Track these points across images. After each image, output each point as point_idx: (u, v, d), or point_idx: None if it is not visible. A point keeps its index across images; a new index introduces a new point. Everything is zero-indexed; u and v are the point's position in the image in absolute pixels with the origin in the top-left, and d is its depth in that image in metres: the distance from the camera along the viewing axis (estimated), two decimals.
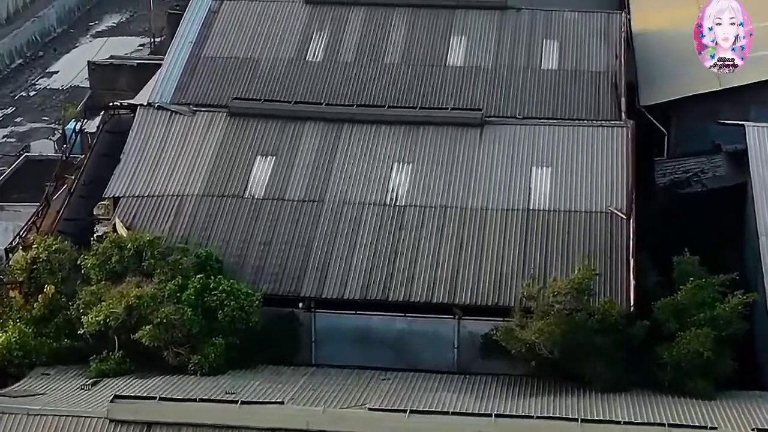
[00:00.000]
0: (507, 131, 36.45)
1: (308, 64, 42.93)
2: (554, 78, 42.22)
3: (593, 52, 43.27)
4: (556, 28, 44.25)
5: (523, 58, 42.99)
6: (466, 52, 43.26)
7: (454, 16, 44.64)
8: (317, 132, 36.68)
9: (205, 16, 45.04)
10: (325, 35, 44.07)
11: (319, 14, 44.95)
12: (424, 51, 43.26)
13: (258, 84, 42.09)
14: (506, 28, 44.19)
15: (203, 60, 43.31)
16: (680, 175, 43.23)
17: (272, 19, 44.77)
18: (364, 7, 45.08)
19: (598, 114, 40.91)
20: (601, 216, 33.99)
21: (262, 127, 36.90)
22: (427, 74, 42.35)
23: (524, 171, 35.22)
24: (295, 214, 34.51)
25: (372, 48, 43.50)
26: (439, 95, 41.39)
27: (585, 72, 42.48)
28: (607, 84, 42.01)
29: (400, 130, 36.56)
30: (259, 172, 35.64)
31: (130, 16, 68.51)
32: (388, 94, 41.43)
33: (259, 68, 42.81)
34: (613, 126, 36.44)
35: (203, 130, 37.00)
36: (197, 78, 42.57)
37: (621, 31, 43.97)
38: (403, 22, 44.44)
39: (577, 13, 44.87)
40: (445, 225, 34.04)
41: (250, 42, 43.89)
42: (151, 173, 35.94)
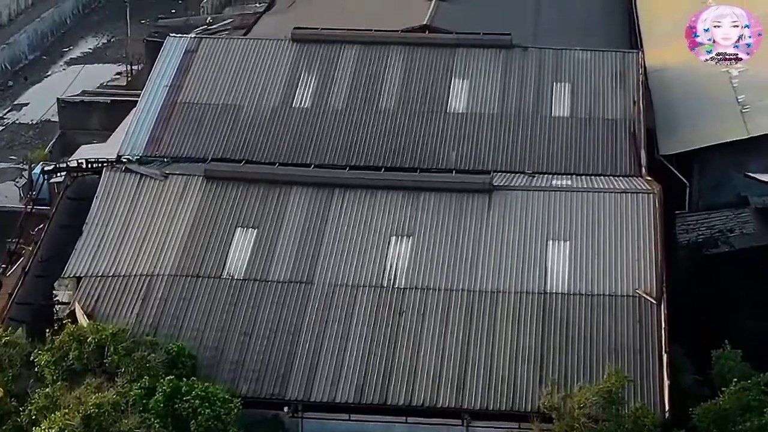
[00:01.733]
0: (518, 198, 31.70)
1: (295, 112, 38.24)
2: (566, 127, 37.59)
3: (608, 97, 38.63)
4: (566, 70, 39.58)
5: (531, 104, 38.36)
6: (468, 98, 38.59)
7: (455, 55, 39.96)
8: (304, 199, 31.91)
9: (182, 57, 40.31)
10: (313, 77, 39.38)
11: (308, 53, 40.23)
12: (423, 95, 38.57)
13: (239, 135, 37.40)
14: (512, 70, 39.52)
15: (179, 107, 38.60)
16: (704, 231, 38.69)
17: (256, 60, 40.06)
18: (357, 46, 40.38)
19: (615, 168, 36.33)
20: (628, 300, 29.30)
21: (242, 193, 32.13)
22: (426, 123, 37.65)
23: (539, 246, 30.49)
24: (280, 298, 29.74)
25: (365, 92, 38.81)
26: (440, 148, 36.72)
27: (600, 120, 37.86)
28: (624, 133, 37.40)
29: (398, 197, 31.81)
30: (239, 248, 30.89)
31: (107, 41, 63.51)
32: (382, 147, 36.77)
33: (241, 116, 38.12)
34: (637, 192, 31.71)
35: (176, 197, 32.19)
36: (172, 127, 37.87)
37: (638, 73, 39.37)
38: (399, 62, 39.75)
39: (590, 53, 40.19)
40: (451, 311, 29.31)
41: (231, 86, 39.18)
42: (117, 248, 31.16)
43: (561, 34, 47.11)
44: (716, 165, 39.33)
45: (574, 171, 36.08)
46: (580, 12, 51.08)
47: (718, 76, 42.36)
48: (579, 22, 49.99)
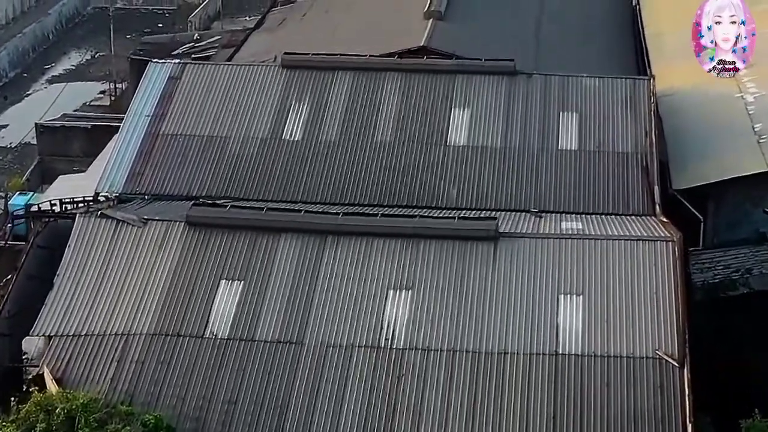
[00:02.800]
0: (526, 247, 28.84)
1: (285, 145, 35.44)
2: (574, 161, 34.81)
3: (619, 127, 35.85)
4: (574, 98, 36.78)
5: (537, 136, 35.55)
6: (470, 129, 35.79)
7: (455, 83, 37.15)
8: (294, 247, 29.02)
9: (165, 84, 37.45)
10: (305, 107, 36.57)
11: (299, 80, 37.41)
12: (421, 126, 35.76)
13: (226, 170, 34.59)
14: (516, 99, 36.73)
15: (162, 138, 35.79)
16: (720, 271, 36.04)
17: (243, 87, 37.22)
18: (351, 72, 37.55)
19: (627, 206, 33.62)
20: (648, 363, 26.42)
21: (227, 241, 29.24)
22: (424, 157, 34.85)
23: (550, 301, 27.62)
24: (268, 360, 26.77)
25: (360, 122, 36.00)
26: (440, 184, 33.97)
27: (610, 153, 35.07)
28: (636, 168, 34.64)
29: (396, 245, 28.91)
30: (224, 303, 28.01)
31: (90, 57, 60.44)
32: (378, 183, 34.00)
33: (228, 149, 35.30)
34: (655, 240, 28.87)
35: (156, 245, 29.27)
36: (154, 161, 35.07)
37: (650, 101, 36.61)
38: (395, 89, 36.92)
39: (598, 80, 37.38)
40: (455, 374, 26.37)
41: (217, 115, 36.35)
42: (91, 304, 28.23)
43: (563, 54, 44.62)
44: (733, 199, 36.58)
45: (583, 209, 33.41)
46: (583, 27, 48.48)
47: (732, 101, 39.70)
48: (582, 38, 47.38)
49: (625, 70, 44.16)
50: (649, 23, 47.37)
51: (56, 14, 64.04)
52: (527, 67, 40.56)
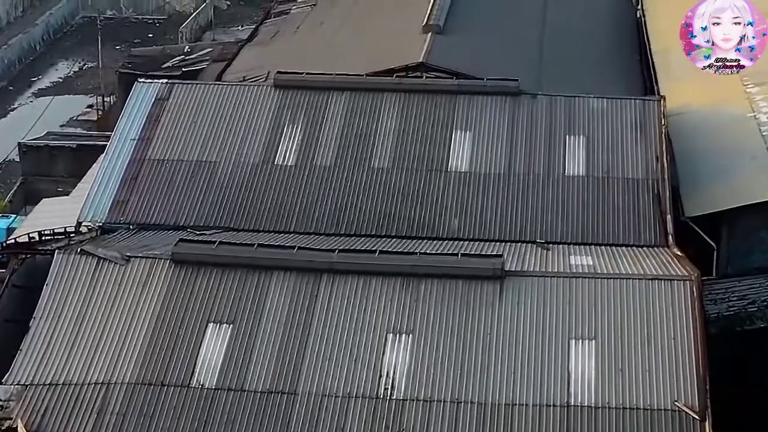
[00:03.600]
0: (534, 287, 26.79)
1: (278, 170, 33.42)
2: (582, 188, 32.79)
3: (628, 152, 33.83)
4: (580, 121, 34.76)
5: (542, 161, 33.54)
6: (472, 154, 33.76)
7: (457, 103, 35.14)
8: (287, 288, 26.93)
9: (152, 105, 35.39)
10: (299, 129, 34.56)
11: (292, 101, 35.38)
12: (421, 151, 33.71)
13: (215, 198, 32.55)
14: (520, 121, 34.71)
15: (148, 164, 33.75)
16: (735, 302, 34.03)
17: (234, 109, 35.17)
18: (347, 93, 35.50)
19: (638, 237, 31.62)
20: (666, 416, 24.30)
21: (215, 280, 27.16)
22: (424, 184, 32.80)
23: (560, 347, 25.53)
24: (258, 412, 24.57)
25: (356, 146, 33.98)
26: (440, 213, 31.95)
27: (619, 179, 33.06)
28: (647, 195, 32.60)
29: (396, 285, 26.87)
30: (211, 349, 25.88)
31: (78, 68, 58.24)
32: (375, 212, 31.91)
33: (218, 175, 33.28)
34: (672, 279, 26.85)
35: (139, 285, 27.17)
36: (140, 188, 33.04)
37: (660, 124, 34.60)
38: (394, 111, 34.92)
39: (605, 101, 35.34)
40: (459, 429, 24.51)
41: (206, 139, 34.30)
42: (69, 349, 26.09)
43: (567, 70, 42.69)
44: (747, 226, 34.43)
45: (592, 240, 31.44)
46: (587, 40, 46.57)
47: (744, 121, 37.71)
48: (586, 52, 45.47)
49: (631, 88, 42.33)
50: (654, 38, 45.37)
51: (44, 24, 61.81)
52: (530, 83, 38.72)
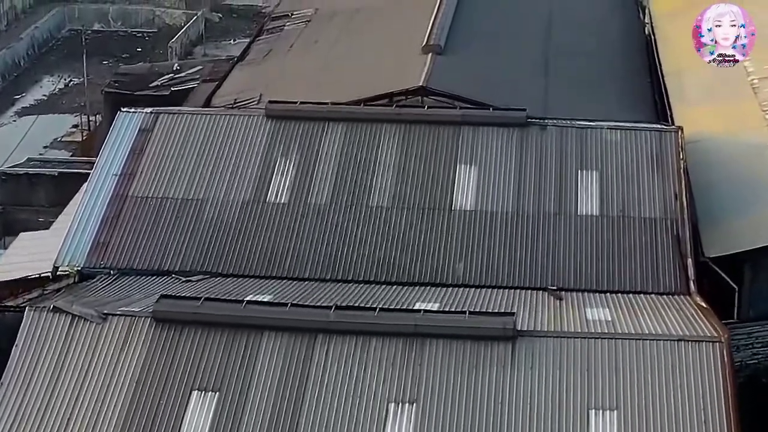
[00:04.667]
0: (549, 348, 24.18)
1: (269, 209, 30.88)
2: (596, 228, 30.27)
3: (645, 188, 31.29)
4: (593, 154, 32.18)
5: (553, 199, 30.99)
6: (478, 191, 31.21)
7: (461, 135, 32.59)
8: (279, 350, 24.26)
9: (136, 137, 32.84)
10: (292, 164, 32.00)
11: (285, 133, 32.81)
12: (423, 188, 31.17)
13: (201, 241, 29.98)
14: (529, 154, 32.16)
15: (131, 202, 31.21)
16: (760, 350, 31.59)
17: (223, 141, 32.61)
18: (343, 124, 32.95)
19: (657, 283, 29.11)
20: None
21: (200, 342, 24.49)
22: (426, 224, 30.27)
23: (579, 418, 22.95)
24: None
25: (354, 183, 31.43)
26: (444, 257, 29.45)
27: (636, 219, 30.52)
28: (666, 236, 30.08)
29: (398, 347, 24.20)
30: (196, 420, 23.09)
31: (64, 85, 55.41)
32: (374, 256, 29.42)
33: (205, 214, 30.74)
34: (699, 341, 24.29)
35: (117, 346, 24.49)
36: (122, 229, 30.50)
37: (678, 157, 32.09)
38: (394, 144, 32.39)
39: (620, 132, 32.78)
40: None
41: (192, 175, 31.75)
42: (41, 419, 23.42)
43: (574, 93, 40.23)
44: None
45: (607, 287, 28.94)
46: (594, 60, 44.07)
47: (763, 150, 35.40)
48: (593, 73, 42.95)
49: (643, 113, 39.84)
50: (666, 58, 42.88)
51: (28, 38, 58.93)
52: (537, 107, 36.37)
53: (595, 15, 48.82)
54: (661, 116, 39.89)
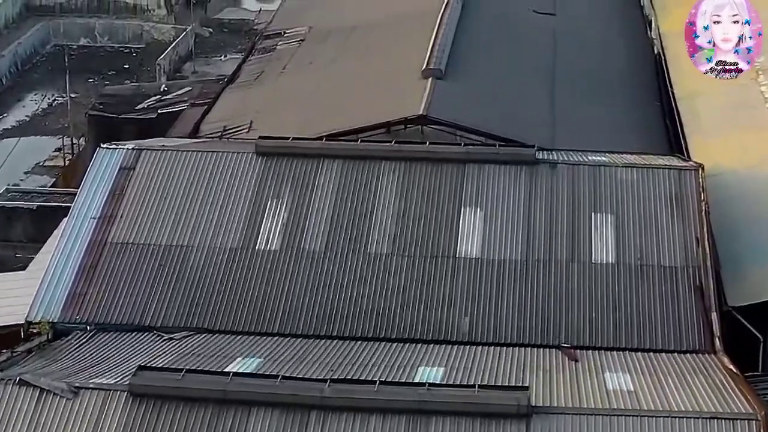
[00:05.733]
0: (567, 426, 21.69)
1: (259, 257, 28.30)
2: (612, 279, 27.70)
3: (663, 233, 28.72)
4: (608, 195, 29.58)
5: (565, 245, 28.39)
6: (484, 236, 28.62)
7: (466, 174, 30.00)
8: (269, 428, 21.45)
9: (116, 176, 30.26)
10: (284, 206, 29.42)
11: (277, 172, 30.22)
12: (425, 233, 28.56)
13: (185, 292, 27.35)
14: (539, 196, 29.56)
15: (110, 249, 28.61)
16: None
17: (210, 181, 29.99)
18: (339, 161, 30.38)
19: (679, 340, 26.56)
20: None
21: (182, 418, 21.79)
22: (428, 274, 27.70)
23: None
24: None
25: (351, 227, 28.82)
26: (448, 310, 26.93)
27: (655, 268, 27.94)
28: (688, 287, 27.55)
29: (401, 425, 21.52)
30: None
31: (47, 105, 52.69)
32: (372, 310, 26.91)
33: (189, 263, 28.12)
34: (734, 419, 21.77)
35: (90, 423, 21.83)
36: (100, 279, 27.88)
37: (699, 198, 29.56)
38: (393, 184, 29.81)
39: (635, 171, 30.20)
40: None
41: (177, 218, 29.13)
42: None
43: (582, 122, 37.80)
44: None
45: (626, 344, 26.42)
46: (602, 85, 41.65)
47: None
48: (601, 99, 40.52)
49: (654, 142, 37.46)
50: (678, 80, 40.34)
51: (11, 55, 55.95)
52: (543, 136, 34.05)
53: (601, 33, 46.39)
54: (674, 144, 37.48)
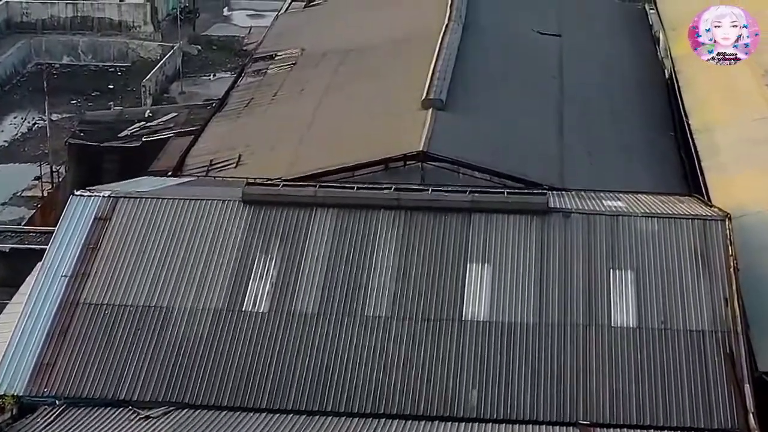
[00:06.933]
0: None
1: (246, 319, 25.44)
2: (633, 345, 24.80)
3: (688, 293, 25.88)
4: (627, 249, 26.66)
5: (582, 306, 25.52)
6: (492, 296, 25.76)
7: (471, 225, 27.15)
8: None
9: (90, 228, 27.40)
10: (273, 262, 26.56)
11: (265, 223, 27.35)
12: (428, 293, 25.82)
13: (165, 361, 24.53)
14: (552, 250, 26.66)
15: (82, 311, 25.74)
16: None
17: (193, 233, 27.10)
18: (333, 211, 27.56)
19: (709, 416, 23.73)
20: None
21: None
22: (433, 339, 24.92)
23: None
24: None
25: (346, 286, 25.98)
26: (453, 382, 24.18)
27: (680, 332, 25.09)
28: (716, 354, 24.75)
29: None
30: None
31: (27, 129, 49.76)
32: (370, 382, 24.11)
33: (169, 328, 25.27)
34: None
35: None
36: (70, 347, 25.05)
37: (728, 253, 26.76)
38: (393, 237, 26.92)
39: (656, 221, 27.29)
40: None
41: (156, 276, 26.28)
42: None
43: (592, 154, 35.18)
44: None
45: (650, 421, 23.69)
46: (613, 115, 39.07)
47: None
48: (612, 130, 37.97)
49: (669, 178, 34.93)
50: (693, 110, 37.71)
51: None
52: (551, 172, 31.65)
53: (609, 57, 43.81)
54: (691, 180, 34.84)
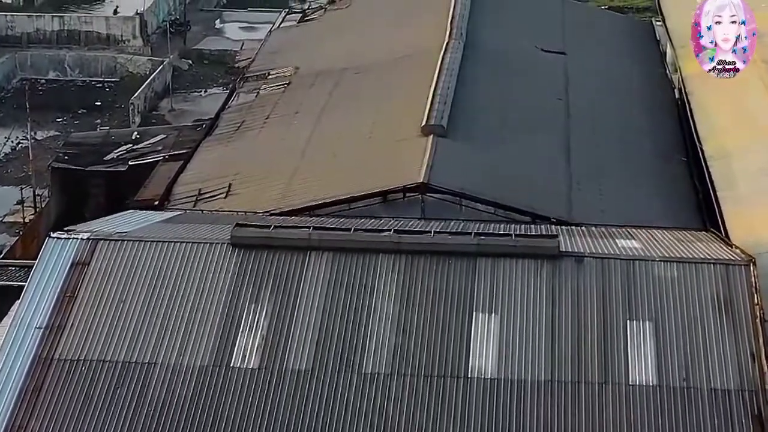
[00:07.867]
0: None
1: (234, 376, 23.30)
2: (653, 405, 22.72)
3: (711, 346, 23.77)
4: (645, 297, 24.56)
5: (597, 361, 23.50)
6: (500, 350, 23.65)
7: (477, 271, 25.00)
8: None
9: (67, 274, 25.28)
10: (264, 313, 24.42)
11: (255, 269, 25.20)
12: (431, 346, 23.73)
13: (146, 422, 22.54)
14: (563, 298, 24.53)
15: (57, 367, 23.58)
16: None
17: (177, 281, 24.95)
18: (329, 255, 25.43)
19: None
20: None
21: None
22: (437, 398, 22.87)
23: None
24: None
25: (343, 340, 23.92)
26: None
27: (704, 392, 22.96)
28: (744, 415, 22.74)
29: None
30: None
31: (11, 149, 47.53)
32: None
33: (151, 386, 23.14)
34: None
35: None
36: (43, 407, 22.92)
37: (753, 301, 24.67)
38: (393, 285, 24.79)
39: (676, 266, 25.12)
40: None
41: (137, 328, 24.16)
42: None
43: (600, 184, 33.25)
44: None
45: None
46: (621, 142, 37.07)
47: None
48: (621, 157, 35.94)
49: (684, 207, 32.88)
50: (707, 135, 35.56)
51: None
52: (559, 204, 29.78)
53: (616, 75, 41.83)
54: (706, 211, 32.79)
